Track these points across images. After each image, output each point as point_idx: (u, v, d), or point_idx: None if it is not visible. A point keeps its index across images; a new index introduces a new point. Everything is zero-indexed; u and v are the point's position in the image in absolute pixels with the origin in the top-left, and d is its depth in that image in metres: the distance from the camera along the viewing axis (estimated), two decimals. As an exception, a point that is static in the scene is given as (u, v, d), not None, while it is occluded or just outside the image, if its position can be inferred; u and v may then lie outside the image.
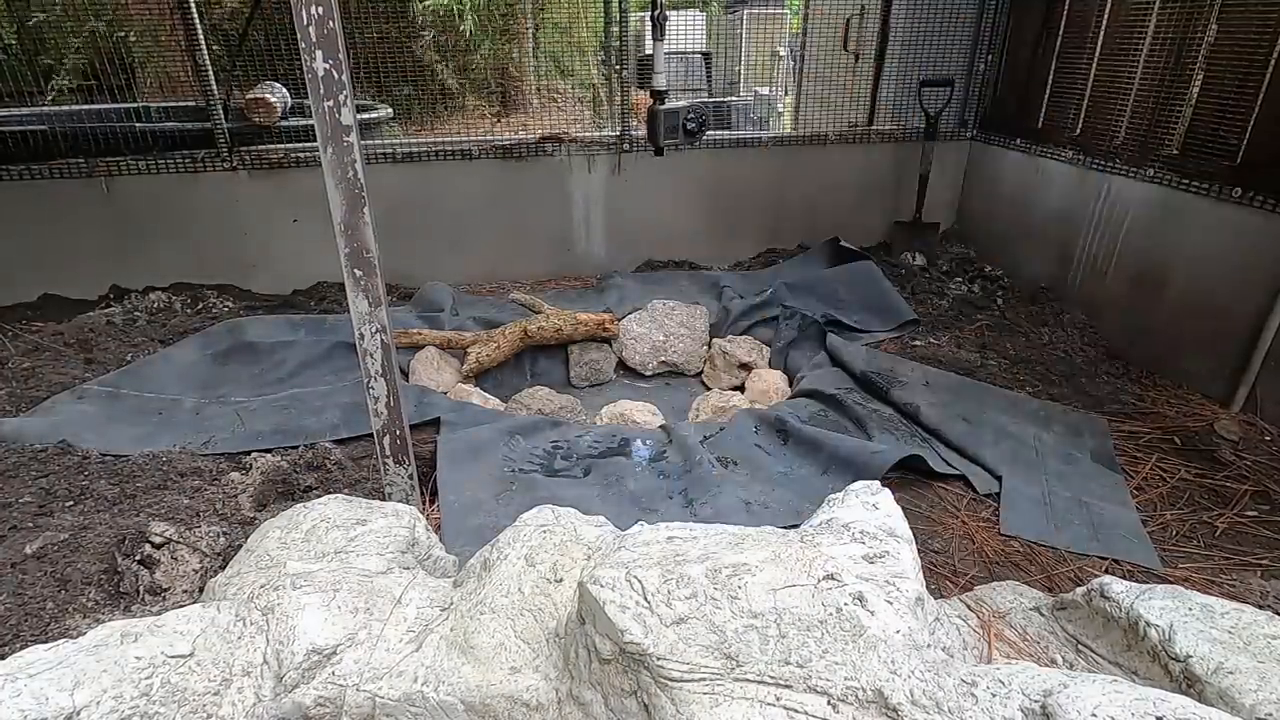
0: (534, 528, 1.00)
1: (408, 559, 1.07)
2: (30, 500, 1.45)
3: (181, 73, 2.86)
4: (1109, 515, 1.62)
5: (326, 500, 1.14)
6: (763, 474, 1.64)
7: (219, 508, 1.45)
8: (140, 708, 0.77)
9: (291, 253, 2.92)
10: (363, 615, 0.90)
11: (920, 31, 3.09)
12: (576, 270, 3.20)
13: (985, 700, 0.75)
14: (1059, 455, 1.83)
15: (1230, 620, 0.93)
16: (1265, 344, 1.92)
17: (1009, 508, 1.62)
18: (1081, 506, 1.65)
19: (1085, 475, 1.76)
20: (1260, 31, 1.94)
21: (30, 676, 0.75)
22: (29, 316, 2.60)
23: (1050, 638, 1.10)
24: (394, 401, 1.33)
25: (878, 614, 0.72)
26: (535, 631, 0.87)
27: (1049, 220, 2.75)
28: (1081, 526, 1.59)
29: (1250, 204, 1.97)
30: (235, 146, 2.81)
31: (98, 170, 2.69)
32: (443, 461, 1.66)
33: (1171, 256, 2.22)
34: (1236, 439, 1.87)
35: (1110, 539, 1.55)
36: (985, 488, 1.69)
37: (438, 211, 3.01)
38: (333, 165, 1.14)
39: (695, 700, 0.71)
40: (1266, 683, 0.82)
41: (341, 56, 1.09)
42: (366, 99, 3.36)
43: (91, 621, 1.15)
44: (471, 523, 1.49)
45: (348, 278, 1.22)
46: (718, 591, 0.75)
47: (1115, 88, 2.45)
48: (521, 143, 3.02)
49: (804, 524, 0.90)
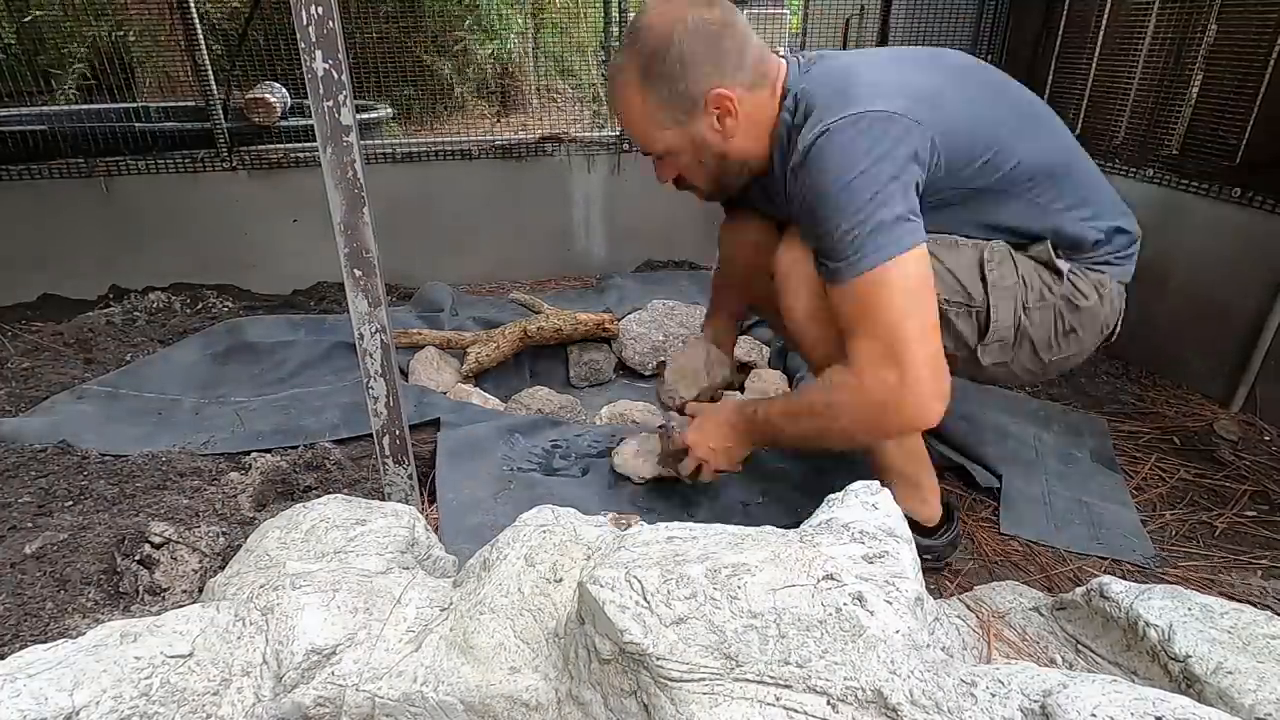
0: (534, 527, 1.00)
1: (407, 559, 1.07)
2: (29, 500, 1.45)
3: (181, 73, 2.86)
4: (1109, 515, 1.62)
5: (326, 500, 1.14)
6: (761, 474, 1.64)
7: (218, 508, 1.45)
8: (140, 708, 0.77)
9: (291, 253, 2.92)
10: (362, 615, 0.90)
11: (920, 32, 3.09)
12: (576, 270, 3.21)
13: (985, 700, 0.75)
14: (1059, 455, 1.83)
15: (1230, 620, 0.93)
16: (1265, 344, 1.92)
17: (1008, 507, 1.62)
18: (1081, 506, 1.65)
19: (1085, 475, 1.76)
20: (1260, 31, 1.94)
21: (29, 676, 0.75)
22: (29, 316, 2.60)
23: (1050, 638, 1.10)
24: (394, 401, 1.33)
25: (877, 614, 0.72)
26: (535, 631, 0.87)
27: (1049, 220, 2.75)
28: (1081, 526, 1.58)
29: (1250, 204, 1.97)
30: (235, 146, 2.81)
31: (97, 170, 2.68)
32: (441, 461, 1.65)
33: (1171, 256, 2.22)
34: (1236, 439, 1.87)
35: (1111, 539, 1.55)
36: (986, 482, 1.69)
37: (438, 211, 3.02)
38: (332, 165, 1.14)
39: (695, 700, 0.71)
40: (1265, 683, 0.82)
41: (341, 56, 1.09)
42: (366, 99, 3.36)
43: (91, 621, 1.15)
44: (470, 522, 1.49)
45: (347, 278, 1.22)
46: (717, 591, 0.75)
47: (1115, 88, 2.45)
48: (521, 143, 3.02)
49: (803, 524, 0.90)
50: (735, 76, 1.14)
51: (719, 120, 1.16)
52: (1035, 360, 1.28)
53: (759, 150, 1.21)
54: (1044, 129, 1.23)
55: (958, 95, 1.15)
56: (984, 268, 1.20)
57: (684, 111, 1.15)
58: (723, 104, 1.14)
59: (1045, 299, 1.22)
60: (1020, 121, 1.19)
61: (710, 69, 1.12)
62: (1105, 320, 1.31)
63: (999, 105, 1.19)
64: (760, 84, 1.17)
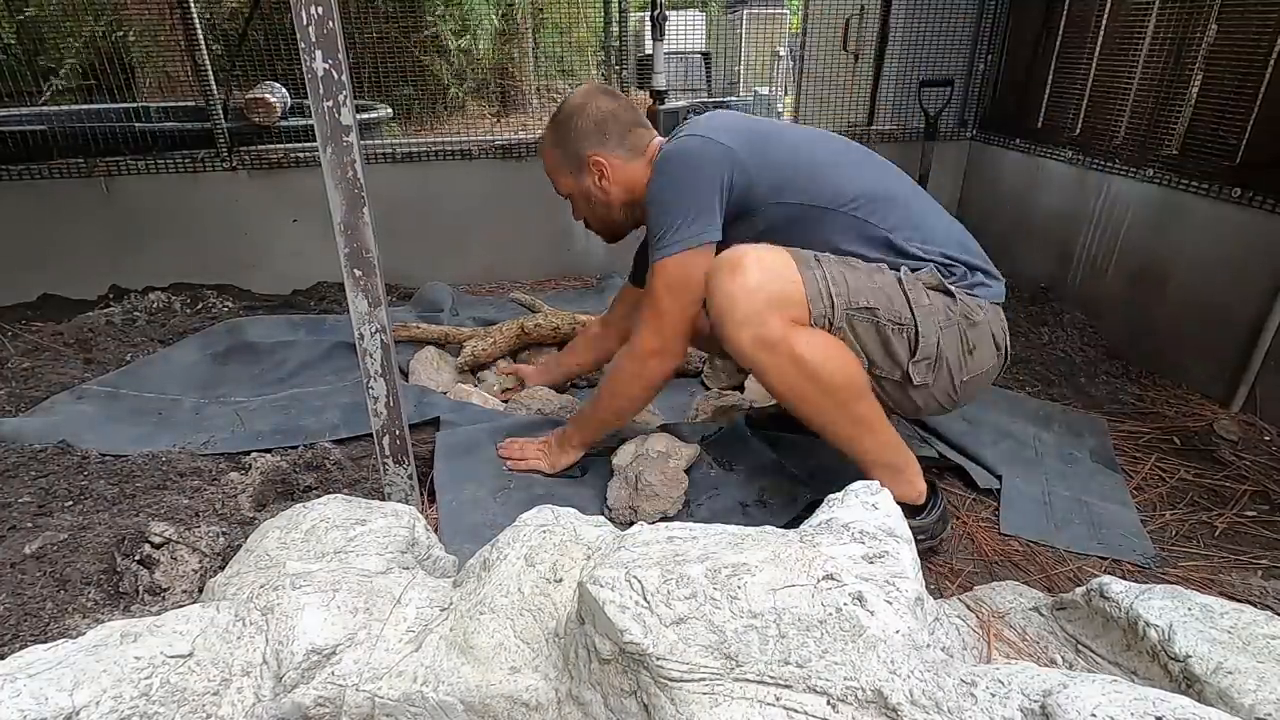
0: (534, 527, 1.00)
1: (407, 559, 1.07)
2: (29, 500, 1.45)
3: (181, 73, 2.86)
4: (1110, 515, 1.62)
5: (326, 500, 1.14)
6: (761, 474, 1.64)
7: (218, 508, 1.45)
8: (140, 708, 0.77)
9: (291, 253, 2.92)
10: (362, 615, 0.90)
11: (920, 31, 3.09)
12: (576, 270, 3.20)
13: (985, 700, 0.75)
14: (1059, 455, 1.83)
15: (1230, 620, 0.93)
16: (1265, 344, 1.92)
17: (1008, 507, 1.62)
18: (1082, 506, 1.65)
19: (1085, 475, 1.76)
20: (1260, 31, 1.94)
21: (30, 676, 0.75)
22: (29, 316, 2.60)
23: (1050, 638, 1.10)
24: (394, 401, 1.33)
25: (877, 614, 0.72)
26: (535, 631, 0.87)
27: (1048, 220, 2.75)
28: (1081, 525, 1.59)
29: (1250, 204, 1.97)
30: (235, 146, 2.81)
31: (97, 170, 2.69)
32: (441, 460, 1.65)
33: (1171, 257, 2.22)
34: (1236, 439, 1.87)
35: (1111, 538, 1.55)
36: (985, 483, 1.69)
37: (438, 211, 3.02)
38: (332, 165, 1.14)
39: (695, 700, 0.71)
40: (1265, 683, 0.82)
41: (341, 56, 1.09)
42: (366, 99, 3.36)
43: (91, 621, 1.15)
44: (470, 521, 1.49)
45: (347, 278, 1.22)
46: (717, 591, 0.75)
47: (1115, 88, 2.45)
48: (521, 143, 3.02)
49: (803, 524, 0.90)
50: (612, 149, 1.52)
51: (599, 179, 1.54)
52: (950, 383, 1.38)
53: (629, 200, 1.56)
54: (869, 168, 1.47)
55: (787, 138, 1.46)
56: (906, 291, 1.32)
57: (576, 167, 1.55)
58: (598, 166, 1.52)
59: (950, 318, 1.34)
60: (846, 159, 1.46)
61: (594, 140, 1.51)
62: (996, 339, 1.41)
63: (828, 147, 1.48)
64: (636, 158, 1.53)
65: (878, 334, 1.30)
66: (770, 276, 1.27)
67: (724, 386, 2.20)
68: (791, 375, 1.29)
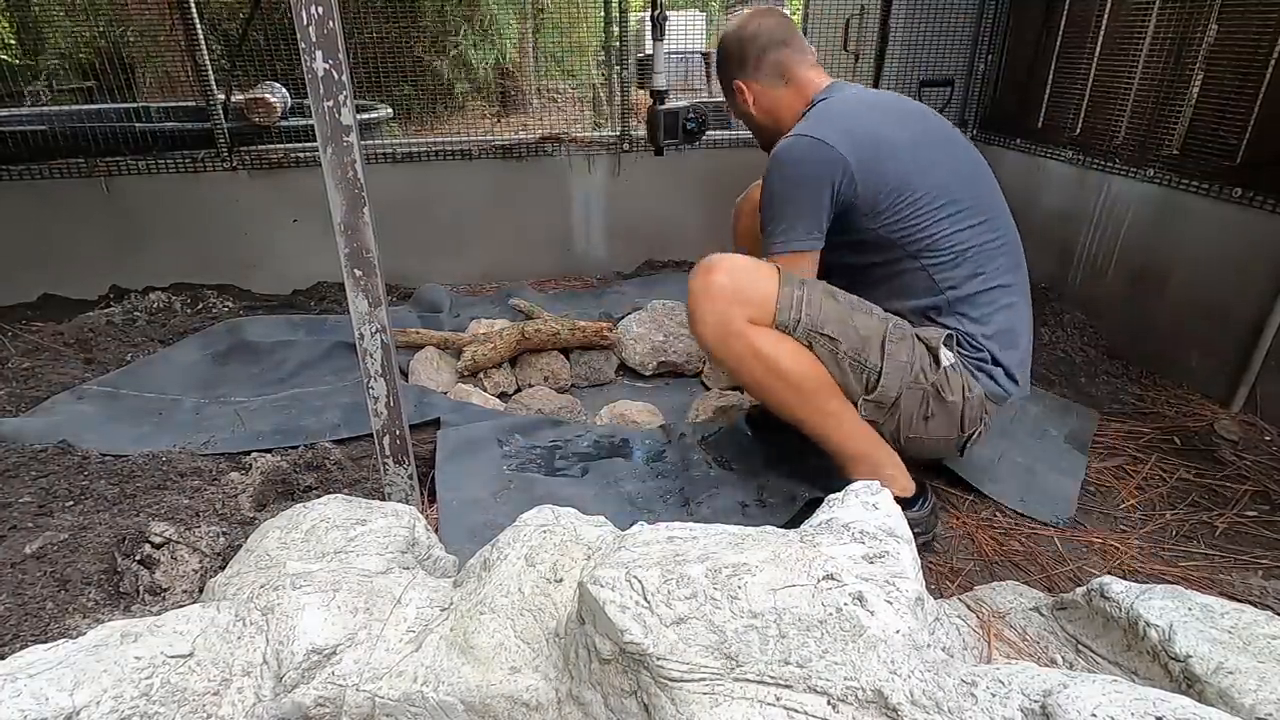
0: (534, 528, 1.00)
1: (408, 559, 1.07)
2: (30, 500, 1.45)
3: (181, 73, 2.86)
4: (1049, 483, 1.69)
5: (326, 500, 1.14)
6: (760, 474, 1.64)
7: (219, 508, 1.45)
8: (140, 708, 0.77)
9: (291, 253, 2.92)
10: (363, 615, 0.90)
11: (920, 31, 3.09)
12: (577, 270, 3.20)
13: (985, 700, 0.75)
14: (1031, 430, 1.89)
15: (1230, 620, 0.93)
16: (1265, 344, 1.92)
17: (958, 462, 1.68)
18: (1026, 471, 1.72)
19: (1048, 449, 1.82)
20: (1260, 31, 1.94)
21: (30, 676, 0.75)
22: (29, 316, 2.60)
23: (1050, 638, 1.10)
24: (394, 401, 1.34)
25: (877, 614, 0.72)
26: (535, 631, 0.87)
27: (1048, 220, 2.75)
28: (1013, 483, 1.68)
29: (1250, 204, 1.97)
30: (235, 146, 2.81)
31: (97, 170, 2.68)
32: (441, 460, 1.66)
33: (1171, 256, 2.22)
34: (1236, 439, 1.87)
35: (1035, 500, 1.63)
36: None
37: (438, 211, 3.02)
38: (333, 165, 1.14)
39: (695, 700, 0.71)
40: (1266, 683, 0.82)
41: (341, 56, 1.09)
42: (366, 99, 3.36)
43: (91, 621, 1.15)
44: (470, 521, 1.49)
45: (348, 278, 1.22)
46: (718, 591, 0.75)
47: (1115, 88, 2.45)
48: (521, 143, 3.02)
49: (804, 524, 0.90)
50: (752, 75, 1.57)
51: (745, 102, 1.60)
52: (896, 429, 1.43)
53: (776, 126, 1.57)
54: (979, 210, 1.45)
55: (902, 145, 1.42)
56: (886, 341, 1.37)
57: (729, 91, 1.64)
58: (740, 92, 1.60)
59: (919, 382, 1.39)
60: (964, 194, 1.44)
61: (735, 66, 1.59)
62: (963, 422, 1.45)
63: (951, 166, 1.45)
64: (777, 84, 1.56)
65: (836, 362, 1.36)
66: (739, 277, 1.34)
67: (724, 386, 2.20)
68: (758, 370, 1.35)
